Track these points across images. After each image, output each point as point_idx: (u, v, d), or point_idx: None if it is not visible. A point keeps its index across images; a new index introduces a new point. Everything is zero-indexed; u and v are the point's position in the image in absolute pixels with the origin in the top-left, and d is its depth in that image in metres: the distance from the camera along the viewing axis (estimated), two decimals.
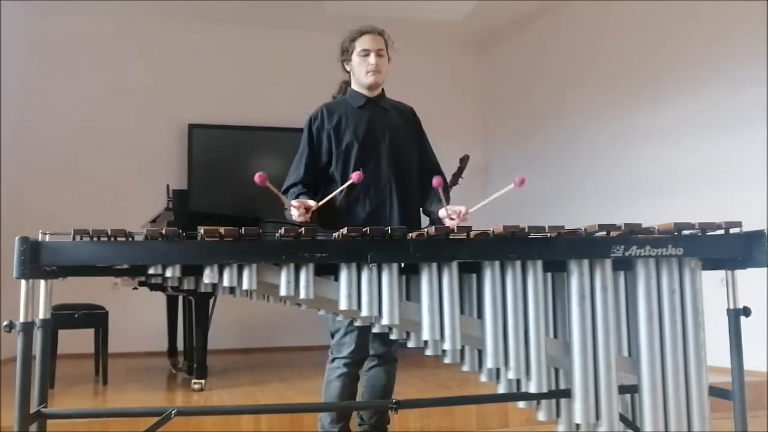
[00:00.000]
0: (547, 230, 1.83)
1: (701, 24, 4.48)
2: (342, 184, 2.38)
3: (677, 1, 4.59)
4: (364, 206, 2.42)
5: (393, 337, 1.91)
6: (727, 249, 1.91)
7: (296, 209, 2.21)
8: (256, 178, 1.98)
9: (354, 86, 2.56)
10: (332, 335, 2.43)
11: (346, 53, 2.53)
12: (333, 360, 2.41)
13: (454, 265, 1.81)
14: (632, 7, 5.00)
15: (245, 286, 1.74)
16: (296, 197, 2.36)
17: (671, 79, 4.65)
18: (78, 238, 1.72)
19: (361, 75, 2.50)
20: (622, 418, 1.89)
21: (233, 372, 4.46)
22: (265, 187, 2.01)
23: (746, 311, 1.95)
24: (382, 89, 2.58)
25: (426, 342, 1.84)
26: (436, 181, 2.17)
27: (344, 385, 2.37)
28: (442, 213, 2.35)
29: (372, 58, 2.46)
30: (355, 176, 2.24)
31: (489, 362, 1.81)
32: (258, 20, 6.00)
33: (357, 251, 1.76)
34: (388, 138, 2.49)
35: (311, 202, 2.27)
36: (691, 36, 4.54)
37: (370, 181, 2.42)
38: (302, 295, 1.76)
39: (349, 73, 2.57)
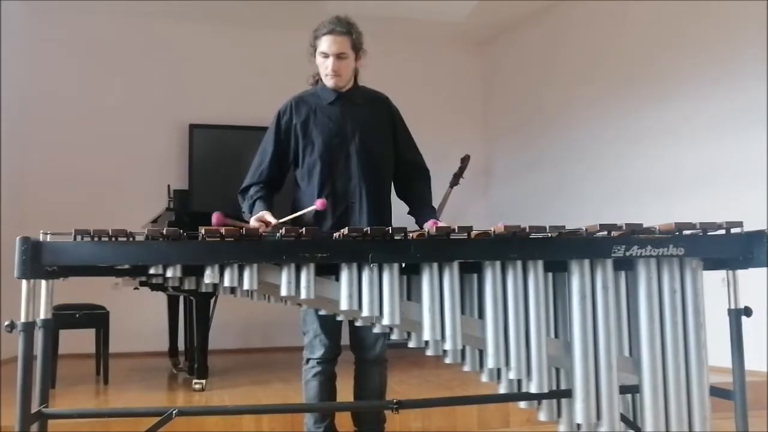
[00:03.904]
0: (548, 230, 1.82)
1: (703, 25, 4.47)
2: (306, 189, 2.38)
3: (679, 2, 4.59)
4: (333, 209, 2.35)
5: (394, 337, 1.92)
6: (728, 249, 1.90)
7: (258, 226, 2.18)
8: (214, 220, 1.99)
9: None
10: (304, 335, 2.44)
11: (312, 48, 2.41)
12: (307, 360, 2.43)
13: (455, 265, 1.80)
14: (634, 7, 4.99)
15: (246, 286, 1.74)
16: (253, 202, 2.34)
17: (674, 79, 4.65)
18: (79, 238, 1.73)
19: (322, 76, 2.41)
20: (623, 418, 1.89)
21: (234, 372, 4.47)
22: (225, 224, 2.00)
23: (747, 311, 1.94)
24: (356, 81, 2.47)
25: (427, 342, 1.84)
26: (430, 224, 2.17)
27: (321, 383, 2.39)
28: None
29: (330, 63, 2.34)
30: (319, 204, 2.20)
31: (490, 362, 1.81)
32: (259, 20, 6.00)
33: (358, 251, 1.76)
34: (359, 137, 2.40)
35: (270, 218, 2.21)
36: (693, 37, 4.53)
37: (339, 184, 2.37)
38: (303, 295, 1.76)
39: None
